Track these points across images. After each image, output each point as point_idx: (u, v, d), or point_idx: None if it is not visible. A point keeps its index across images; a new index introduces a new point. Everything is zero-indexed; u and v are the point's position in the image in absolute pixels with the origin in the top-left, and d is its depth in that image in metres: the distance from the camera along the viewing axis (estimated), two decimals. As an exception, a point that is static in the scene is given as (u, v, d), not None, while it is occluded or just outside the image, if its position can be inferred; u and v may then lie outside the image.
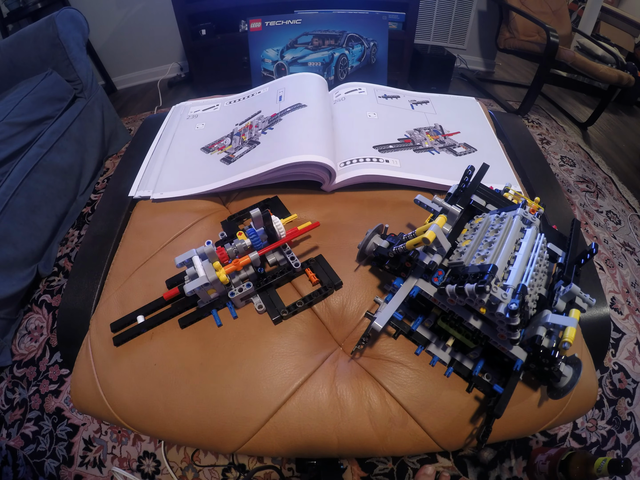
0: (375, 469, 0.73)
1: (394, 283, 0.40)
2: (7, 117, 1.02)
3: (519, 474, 0.74)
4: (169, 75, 2.02)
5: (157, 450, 0.77)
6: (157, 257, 0.50)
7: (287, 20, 1.14)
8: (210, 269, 0.39)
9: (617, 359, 0.91)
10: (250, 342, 0.42)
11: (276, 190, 0.56)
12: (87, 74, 1.28)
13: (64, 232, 1.17)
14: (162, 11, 1.75)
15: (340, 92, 0.70)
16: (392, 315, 0.36)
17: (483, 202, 0.42)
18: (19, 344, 0.95)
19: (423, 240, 0.32)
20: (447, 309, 0.35)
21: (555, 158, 1.53)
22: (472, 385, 0.38)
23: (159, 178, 0.58)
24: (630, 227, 1.26)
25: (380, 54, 1.19)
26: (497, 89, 2.03)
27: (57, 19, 1.12)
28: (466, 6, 1.93)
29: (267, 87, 0.70)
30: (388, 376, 0.40)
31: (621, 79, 1.53)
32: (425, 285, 0.36)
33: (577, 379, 0.33)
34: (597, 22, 2.07)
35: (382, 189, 0.56)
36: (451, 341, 0.38)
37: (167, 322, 0.44)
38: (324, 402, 0.39)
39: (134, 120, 1.72)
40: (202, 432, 0.39)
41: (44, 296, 1.04)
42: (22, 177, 1.01)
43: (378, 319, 0.35)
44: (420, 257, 0.35)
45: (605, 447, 0.78)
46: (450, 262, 0.35)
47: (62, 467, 0.77)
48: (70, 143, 1.20)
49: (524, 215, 0.37)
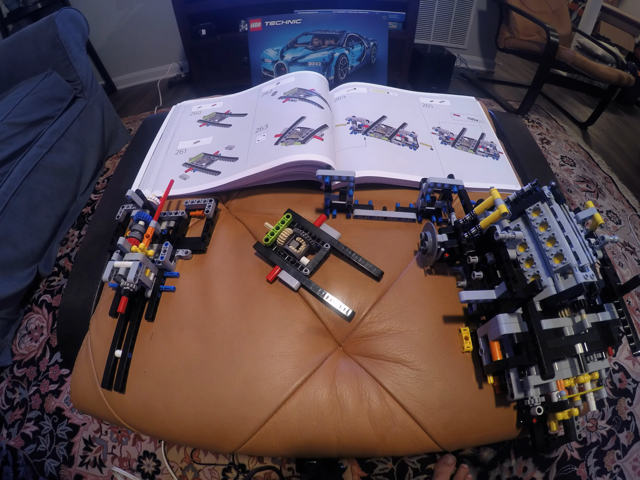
0: (375, 469, 0.73)
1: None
2: (7, 117, 1.02)
3: (519, 474, 0.74)
4: (169, 75, 2.02)
5: (157, 450, 0.77)
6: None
7: (287, 20, 1.13)
8: (133, 254, 0.43)
9: (617, 359, 0.90)
10: (250, 342, 0.42)
11: (276, 190, 0.56)
12: (87, 74, 1.28)
13: (64, 232, 1.17)
14: (162, 11, 1.75)
15: (341, 91, 0.70)
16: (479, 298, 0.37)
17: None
18: (19, 343, 0.95)
19: (502, 215, 0.36)
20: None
21: (556, 158, 1.53)
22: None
23: (159, 176, 0.58)
24: (631, 227, 1.26)
25: (380, 53, 1.18)
26: (497, 89, 2.03)
27: (57, 19, 1.12)
28: (466, 6, 1.93)
29: (267, 85, 0.70)
30: (388, 376, 0.40)
31: (621, 79, 1.53)
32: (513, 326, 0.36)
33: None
34: (597, 22, 2.06)
35: (382, 189, 0.56)
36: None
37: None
38: (323, 402, 0.39)
39: (134, 120, 1.72)
40: (202, 432, 0.39)
41: (44, 296, 1.04)
42: (22, 177, 1.01)
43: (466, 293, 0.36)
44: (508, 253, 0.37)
45: (605, 447, 0.78)
46: (526, 272, 0.38)
47: (63, 467, 0.77)
48: (70, 143, 1.20)
49: (547, 196, 0.39)
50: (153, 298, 0.45)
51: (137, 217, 0.48)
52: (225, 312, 0.44)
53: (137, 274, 0.41)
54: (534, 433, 0.37)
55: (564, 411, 0.35)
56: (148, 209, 0.51)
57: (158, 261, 0.46)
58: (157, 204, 0.52)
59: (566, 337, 0.35)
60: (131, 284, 0.41)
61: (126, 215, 0.52)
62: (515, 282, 0.34)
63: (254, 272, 0.47)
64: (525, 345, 0.34)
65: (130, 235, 0.46)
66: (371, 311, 0.44)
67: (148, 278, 0.45)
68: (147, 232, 0.47)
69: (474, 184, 0.56)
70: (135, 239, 0.46)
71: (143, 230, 0.47)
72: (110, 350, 0.43)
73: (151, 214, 0.50)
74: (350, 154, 0.56)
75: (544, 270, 0.37)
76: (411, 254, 0.49)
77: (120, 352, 0.43)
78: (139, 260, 0.42)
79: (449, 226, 0.44)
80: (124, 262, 0.42)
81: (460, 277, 0.46)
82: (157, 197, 0.52)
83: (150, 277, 0.45)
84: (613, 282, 0.37)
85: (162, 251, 0.47)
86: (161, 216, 0.51)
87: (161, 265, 0.46)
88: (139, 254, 0.43)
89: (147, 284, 0.44)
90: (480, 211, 0.41)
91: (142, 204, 0.50)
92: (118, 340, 0.43)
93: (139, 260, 0.42)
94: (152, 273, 0.46)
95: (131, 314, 0.45)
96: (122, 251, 0.44)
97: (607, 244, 0.39)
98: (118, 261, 0.42)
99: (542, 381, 0.34)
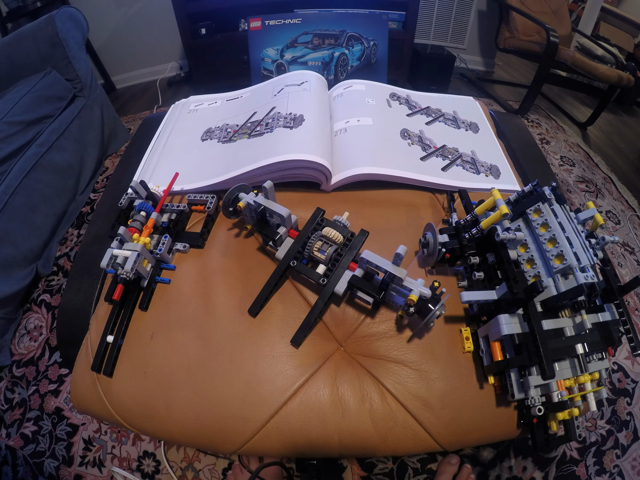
0: (375, 469, 0.73)
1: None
2: (6, 116, 1.02)
3: (519, 474, 0.74)
4: (168, 74, 2.02)
5: (157, 450, 0.77)
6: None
7: (287, 19, 1.13)
8: (132, 244, 0.44)
9: (617, 358, 0.91)
10: (251, 342, 0.42)
11: (276, 190, 0.56)
12: (86, 73, 1.27)
13: (63, 232, 1.17)
14: (161, 10, 1.75)
15: (339, 89, 0.69)
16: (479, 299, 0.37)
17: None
18: (19, 343, 0.95)
19: (502, 215, 0.36)
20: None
21: (555, 158, 1.53)
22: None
23: (154, 173, 0.58)
24: (630, 227, 1.26)
25: (380, 53, 1.18)
26: (497, 89, 2.03)
27: (57, 18, 1.12)
28: (466, 6, 1.93)
29: (266, 85, 0.70)
30: (389, 376, 0.40)
31: (621, 79, 1.53)
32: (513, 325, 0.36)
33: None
34: (597, 22, 2.06)
35: (382, 189, 0.56)
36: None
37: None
38: (325, 403, 0.39)
39: (133, 120, 1.72)
40: (202, 432, 0.39)
41: (44, 295, 1.03)
42: (22, 177, 1.00)
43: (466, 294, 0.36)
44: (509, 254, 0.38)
45: (605, 447, 0.78)
46: (526, 273, 0.38)
47: (62, 466, 0.77)
48: (69, 142, 1.20)
49: (548, 197, 0.39)
50: (148, 288, 0.46)
51: (139, 207, 0.49)
52: (226, 312, 0.44)
53: (134, 264, 0.42)
54: (534, 433, 0.37)
55: (564, 411, 0.35)
56: (151, 200, 0.51)
57: (156, 253, 0.46)
58: (160, 196, 0.52)
59: (567, 337, 0.35)
60: (128, 273, 0.41)
61: (129, 203, 0.52)
62: (516, 282, 0.35)
63: (256, 271, 0.47)
64: (526, 346, 0.34)
65: (131, 225, 0.47)
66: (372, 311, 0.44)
67: (145, 268, 0.45)
68: (147, 223, 0.47)
69: (474, 185, 0.56)
70: (136, 229, 0.46)
71: (144, 220, 0.48)
72: (103, 335, 0.44)
73: (154, 205, 0.51)
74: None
75: (544, 271, 0.37)
76: (412, 254, 0.49)
77: (112, 337, 0.43)
78: (137, 251, 0.43)
79: (450, 227, 0.44)
80: (122, 251, 0.43)
81: (461, 278, 0.46)
82: (160, 190, 0.52)
83: (147, 267, 0.46)
84: (613, 282, 0.37)
85: (161, 243, 0.47)
86: (163, 208, 0.52)
87: (159, 257, 0.47)
88: (138, 244, 0.43)
89: (144, 274, 0.45)
90: (481, 212, 0.41)
91: (145, 195, 0.50)
92: (111, 327, 0.44)
93: (137, 251, 0.43)
94: (150, 264, 0.47)
95: (126, 301, 0.45)
96: (122, 240, 0.44)
97: (607, 244, 0.39)
98: (117, 249, 0.43)
99: (543, 381, 0.34)
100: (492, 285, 0.38)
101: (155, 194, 0.51)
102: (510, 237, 0.37)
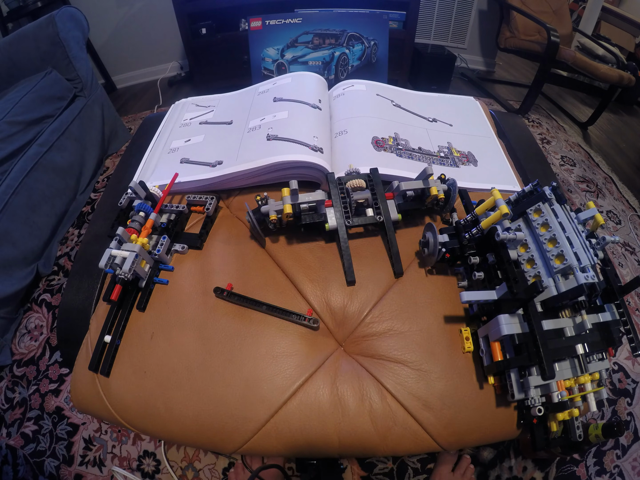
0: (375, 469, 0.73)
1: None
2: (7, 116, 1.02)
3: (519, 474, 0.74)
4: (169, 74, 2.01)
5: (157, 449, 0.77)
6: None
7: (288, 19, 1.13)
8: (130, 244, 0.44)
9: (617, 359, 0.91)
10: (250, 342, 0.42)
11: (276, 190, 0.56)
12: (87, 73, 1.27)
13: (63, 231, 1.17)
14: (162, 10, 1.75)
15: (339, 89, 0.69)
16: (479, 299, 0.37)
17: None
18: (19, 343, 0.95)
19: (503, 215, 0.36)
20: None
21: (556, 158, 1.53)
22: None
23: (155, 171, 0.58)
24: (631, 227, 1.26)
25: (380, 53, 1.18)
26: (497, 89, 2.03)
27: (57, 18, 1.12)
28: (467, 5, 1.92)
29: (265, 85, 0.70)
30: (389, 376, 0.40)
31: (622, 79, 1.53)
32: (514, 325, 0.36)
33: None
34: (597, 22, 2.06)
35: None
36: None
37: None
38: (325, 402, 0.39)
39: (134, 119, 1.72)
40: (202, 432, 0.39)
41: (44, 295, 1.03)
42: (22, 176, 1.01)
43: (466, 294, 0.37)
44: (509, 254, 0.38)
45: (605, 447, 0.78)
46: (527, 273, 0.38)
47: (62, 466, 0.77)
48: (70, 142, 1.20)
49: (548, 197, 0.39)
50: (146, 289, 0.46)
51: (138, 208, 0.49)
52: (226, 312, 0.44)
53: (132, 265, 0.42)
54: (534, 433, 0.37)
55: (564, 412, 0.35)
56: (150, 201, 0.52)
57: (155, 254, 0.46)
58: (159, 197, 0.52)
59: (567, 337, 0.35)
60: (126, 274, 0.42)
61: (129, 203, 0.52)
62: (516, 282, 0.35)
63: (255, 271, 0.47)
64: (526, 346, 0.34)
65: (129, 225, 0.47)
66: (372, 311, 0.44)
67: (143, 269, 0.45)
68: (146, 224, 0.47)
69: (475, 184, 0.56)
70: (134, 230, 0.46)
71: (143, 221, 0.48)
72: (100, 335, 0.43)
73: (153, 205, 0.51)
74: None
75: (545, 271, 0.37)
76: (412, 254, 0.49)
77: (109, 337, 0.43)
78: (135, 252, 0.43)
79: (450, 226, 0.44)
80: (120, 252, 0.43)
81: (461, 278, 0.46)
82: (159, 190, 0.52)
83: (146, 268, 0.46)
84: (614, 282, 0.37)
85: (159, 244, 0.47)
86: (162, 208, 0.52)
87: (157, 258, 0.47)
88: (136, 245, 0.43)
89: (142, 275, 0.45)
90: (481, 212, 0.41)
91: (144, 195, 0.50)
92: (109, 327, 0.44)
93: (135, 252, 0.43)
94: (148, 264, 0.47)
95: (124, 302, 0.45)
96: (120, 240, 0.44)
97: (607, 244, 0.39)
98: (115, 250, 0.43)
99: (543, 382, 0.34)
100: (492, 285, 0.38)
101: (154, 194, 0.51)
102: (511, 237, 0.37)
